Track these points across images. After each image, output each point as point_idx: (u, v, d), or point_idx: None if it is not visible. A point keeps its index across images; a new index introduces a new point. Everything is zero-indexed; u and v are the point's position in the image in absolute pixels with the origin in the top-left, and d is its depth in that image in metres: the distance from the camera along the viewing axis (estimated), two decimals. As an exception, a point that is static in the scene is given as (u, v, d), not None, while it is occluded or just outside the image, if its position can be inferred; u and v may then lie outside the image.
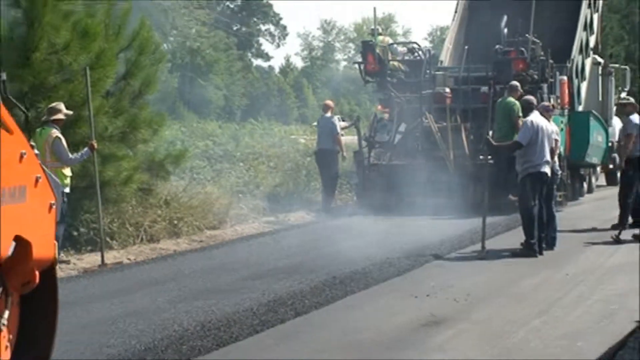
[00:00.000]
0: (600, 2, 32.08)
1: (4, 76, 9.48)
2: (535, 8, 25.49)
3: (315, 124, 26.59)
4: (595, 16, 31.23)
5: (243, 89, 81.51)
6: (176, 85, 47.53)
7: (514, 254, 17.54)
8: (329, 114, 26.24)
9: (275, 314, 12.14)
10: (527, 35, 25.36)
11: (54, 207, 8.15)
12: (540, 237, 17.58)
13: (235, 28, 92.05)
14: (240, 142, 29.78)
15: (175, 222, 18.93)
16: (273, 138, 33.87)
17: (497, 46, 25.29)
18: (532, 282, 15.02)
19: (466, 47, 26.80)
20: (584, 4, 29.35)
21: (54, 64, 16.37)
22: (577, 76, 28.72)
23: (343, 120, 25.99)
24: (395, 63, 26.68)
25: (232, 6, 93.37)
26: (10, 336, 7.94)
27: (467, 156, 23.35)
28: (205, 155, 24.64)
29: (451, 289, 14.17)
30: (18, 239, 7.57)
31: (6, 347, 7.88)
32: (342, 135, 25.73)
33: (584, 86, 29.53)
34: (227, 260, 15.07)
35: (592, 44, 30.94)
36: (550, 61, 26.10)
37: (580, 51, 29.10)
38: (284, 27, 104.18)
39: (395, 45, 28.19)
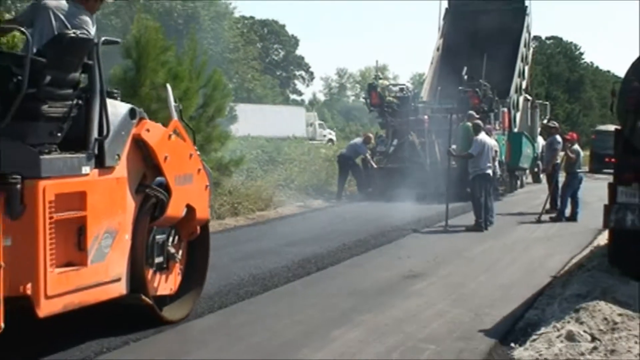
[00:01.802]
0: (529, 57, 32.03)
1: (181, 106, 10.00)
2: (486, 62, 26.14)
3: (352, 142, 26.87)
4: (526, 67, 31.30)
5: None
6: (236, 113, 46.97)
7: (468, 229, 17.58)
8: (358, 140, 26.87)
9: (303, 269, 12.30)
10: (480, 80, 25.82)
11: (208, 187, 9.36)
12: (485, 218, 17.66)
13: (278, 73, 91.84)
14: (281, 151, 29.77)
15: (236, 205, 18.99)
16: (303, 149, 33.75)
17: (460, 87, 25.48)
18: (480, 249, 15.13)
19: (439, 87, 27.26)
20: (519, 59, 29.51)
21: (154, 96, 16.59)
22: (513, 108, 29.02)
23: (367, 143, 26.12)
24: (390, 98, 26.68)
25: (276, 59, 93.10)
26: (181, 266, 9.31)
27: (438, 162, 23.44)
28: (257, 160, 24.61)
29: (424, 252, 14.33)
30: (188, 207, 8.84)
31: (178, 273, 9.16)
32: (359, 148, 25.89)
33: (518, 115, 29.78)
34: (270, 232, 15.22)
35: (524, 86, 31.16)
36: (496, 98, 26.47)
37: (516, 91, 29.35)
38: (312, 73, 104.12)
39: (390, 86, 28.29)
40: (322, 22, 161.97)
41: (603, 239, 13.56)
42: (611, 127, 25.96)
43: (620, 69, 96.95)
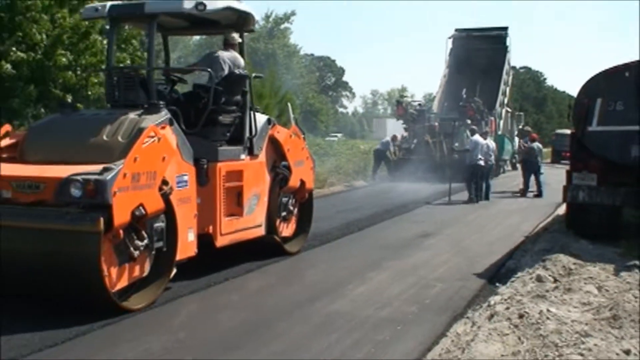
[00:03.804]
0: (509, 81, 31.80)
1: (297, 116, 11.24)
2: (479, 85, 26.65)
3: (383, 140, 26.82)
4: (507, 88, 31.09)
5: (334, 123, 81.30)
6: (294, 124, 47.25)
7: (464, 202, 17.35)
8: (387, 139, 26.57)
9: (348, 229, 12.26)
10: (475, 97, 26.06)
11: (312, 168, 10.14)
12: (476, 194, 17.53)
13: (330, 93, 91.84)
14: (333, 147, 29.68)
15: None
16: (348, 145, 33.75)
17: (460, 103, 25.61)
18: (473, 216, 14.93)
19: (445, 103, 27.52)
20: (502, 82, 29.35)
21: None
22: (498, 117, 28.57)
23: (394, 141, 26.23)
24: (412, 111, 26.81)
25: (329, 83, 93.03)
26: (296, 218, 10.14)
27: (444, 155, 23.28)
28: (316, 153, 24.62)
29: (433, 218, 14.20)
30: (301, 181, 9.61)
31: (294, 222, 10.09)
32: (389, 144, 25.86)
33: (501, 122, 29.41)
34: (326, 204, 15.17)
35: (505, 101, 30.78)
36: (485, 110, 26.38)
37: (500, 105, 29.06)
38: (353, 93, 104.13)
39: (411, 102, 28.81)
40: (360, 56, 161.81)
41: (561, 210, 13.32)
42: (567, 131, 25.69)
43: (573, 89, 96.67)
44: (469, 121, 23.20)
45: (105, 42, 17.90)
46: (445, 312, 6.90)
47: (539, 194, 19.32)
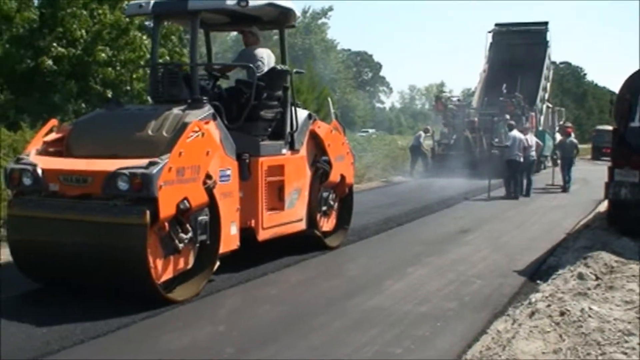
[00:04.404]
0: (550, 76, 31.50)
1: (338, 112, 11.30)
2: (520, 80, 26.27)
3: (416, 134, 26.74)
4: (548, 83, 30.82)
5: (371, 118, 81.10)
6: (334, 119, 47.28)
7: (503, 197, 17.29)
8: (420, 133, 26.43)
9: (386, 224, 12.27)
10: (515, 93, 25.82)
11: (353, 163, 10.47)
12: (515, 189, 17.47)
13: (367, 88, 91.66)
14: (371, 142, 29.67)
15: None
16: (385, 140, 33.70)
17: (500, 98, 25.39)
18: (512, 212, 14.83)
19: (485, 98, 27.28)
20: (542, 77, 29.12)
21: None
22: (539, 113, 28.40)
23: (427, 133, 26.15)
24: (451, 106, 26.93)
25: (366, 78, 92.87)
26: (336, 213, 10.21)
27: (484, 151, 23.12)
28: (354, 148, 24.70)
29: (472, 215, 14.16)
30: (341, 175, 9.74)
31: (334, 217, 10.18)
32: (422, 140, 25.77)
33: (542, 118, 29.18)
34: (364, 199, 15.08)
35: (546, 97, 30.47)
36: (526, 106, 26.23)
37: (540, 100, 28.83)
38: (391, 88, 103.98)
39: (451, 98, 28.86)
40: (398, 51, 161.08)
41: (602, 207, 13.22)
42: (607, 127, 25.69)
43: (614, 85, 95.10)
44: (507, 116, 23.06)
45: (144, 38, 18.17)
46: (485, 309, 6.91)
47: (564, 189, 19.34)
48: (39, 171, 6.79)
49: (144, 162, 6.40)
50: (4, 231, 8.69)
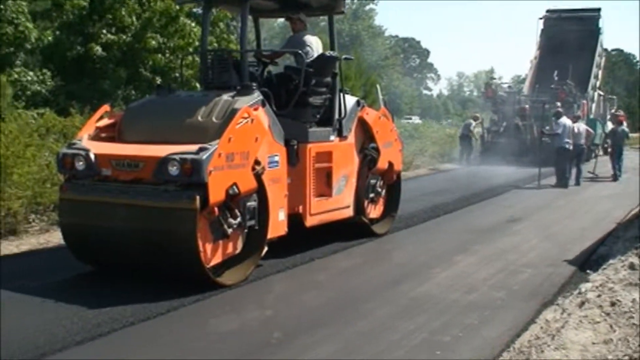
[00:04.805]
0: (602, 63, 30.96)
1: (386, 98, 11.35)
2: (571, 67, 25.73)
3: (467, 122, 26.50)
4: (599, 71, 30.30)
5: (418, 105, 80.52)
6: (383, 105, 47.09)
7: (553, 186, 17.07)
8: (471, 120, 26.30)
9: (433, 212, 12.23)
10: (567, 80, 25.40)
11: (401, 150, 10.19)
12: (565, 178, 17.23)
13: (414, 75, 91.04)
14: (417, 130, 29.51)
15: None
16: (433, 128, 33.46)
17: (552, 85, 25.07)
18: (563, 201, 14.65)
19: (537, 85, 26.86)
20: (594, 65, 28.71)
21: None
22: (590, 101, 27.97)
23: (476, 120, 25.95)
24: (501, 93, 26.70)
25: (413, 65, 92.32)
26: (383, 200, 10.20)
27: (535, 138, 22.84)
28: (402, 135, 24.66)
29: (522, 203, 14.04)
30: (389, 162, 9.76)
31: (382, 204, 10.18)
32: (473, 128, 25.54)
33: (593, 106, 28.75)
34: (411, 186, 15.02)
35: (597, 84, 29.99)
36: (578, 93, 25.97)
37: (592, 88, 28.39)
38: (439, 75, 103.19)
39: (501, 84, 28.65)
40: (446, 37, 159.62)
41: (655, 197, 13.03)
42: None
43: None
44: (558, 104, 22.74)
45: (193, 25, 18.34)
46: (534, 298, 6.84)
47: (614, 178, 19.09)
48: (92, 156, 6.93)
49: (194, 147, 6.49)
50: (57, 215, 8.90)
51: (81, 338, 5.34)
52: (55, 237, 8.94)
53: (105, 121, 7.73)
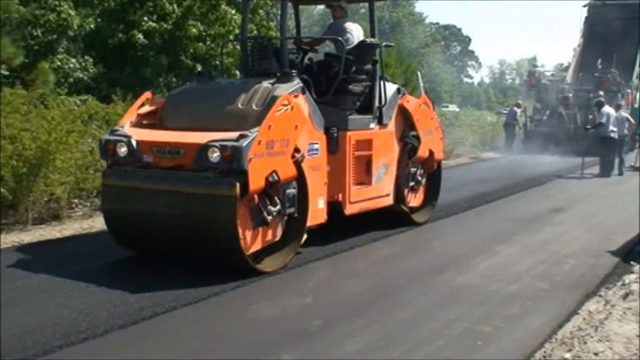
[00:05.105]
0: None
1: (427, 85, 11.29)
2: (616, 55, 25.40)
3: (504, 111, 26.22)
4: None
5: (459, 93, 79.89)
6: (423, 93, 46.69)
7: (596, 176, 16.92)
8: (514, 108, 26.04)
9: (475, 202, 12.16)
10: (611, 69, 25.05)
11: (442, 138, 10.15)
12: (609, 168, 17.08)
13: (455, 63, 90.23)
14: (458, 118, 29.27)
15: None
16: (473, 116, 33.16)
17: (595, 74, 24.82)
18: (606, 191, 14.47)
19: (580, 74, 26.51)
20: (639, 53, 27.93)
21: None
22: (635, 89, 27.37)
23: (519, 108, 25.73)
24: (545, 81, 26.55)
25: (454, 52, 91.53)
26: (423, 189, 10.16)
27: (578, 128, 22.56)
28: (442, 123, 24.52)
29: (564, 193, 13.88)
30: (430, 151, 9.62)
31: (422, 193, 10.15)
32: (519, 116, 25.32)
33: (638, 95, 28.14)
34: (451, 175, 14.83)
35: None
36: (622, 82, 25.62)
37: (637, 77, 27.81)
38: (480, 63, 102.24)
39: (544, 72, 28.37)
40: (488, 25, 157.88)
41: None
42: None
43: None
44: (601, 93, 22.43)
45: (233, 13, 18.38)
46: (577, 289, 6.77)
47: None
48: (134, 143, 7.01)
49: (234, 135, 6.52)
50: (99, 200, 9.03)
51: (124, 322, 5.41)
52: (98, 223, 9.08)
53: (147, 108, 7.81)
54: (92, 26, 16.62)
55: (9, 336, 5.02)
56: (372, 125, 8.85)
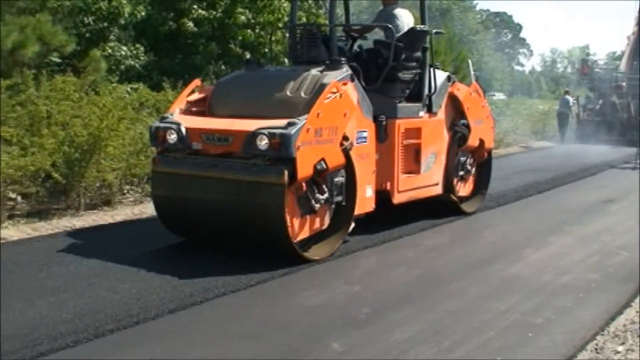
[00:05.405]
0: None
1: (478, 73, 11.62)
2: None
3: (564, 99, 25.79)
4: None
5: (510, 82, 78.82)
6: (474, 81, 45.97)
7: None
8: (567, 96, 25.61)
9: (525, 192, 12.02)
10: None
11: (493, 127, 10.20)
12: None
13: (506, 50, 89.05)
14: (510, 108, 28.80)
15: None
16: (524, 105, 32.62)
17: None
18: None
19: (634, 62, 25.83)
20: None
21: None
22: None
23: (569, 96, 25.35)
24: (598, 70, 25.98)
25: (505, 40, 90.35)
26: (473, 178, 10.06)
27: (631, 117, 22.09)
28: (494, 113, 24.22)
29: (617, 184, 13.60)
30: (480, 140, 9.54)
31: (472, 182, 10.07)
32: (572, 105, 24.88)
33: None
34: (501, 165, 14.63)
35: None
36: None
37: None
38: (531, 51, 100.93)
39: (597, 61, 27.85)
40: (539, 12, 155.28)
41: None
42: None
43: None
44: None
45: (282, 0, 18.39)
46: (630, 281, 6.64)
47: None
48: (183, 130, 7.07)
49: (283, 122, 6.53)
50: (149, 186, 9.15)
51: (175, 306, 5.48)
52: (148, 209, 9.19)
53: (196, 95, 7.87)
54: (142, 14, 16.81)
55: (60, 319, 5.13)
56: (422, 113, 8.77)
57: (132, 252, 7.14)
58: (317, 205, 6.90)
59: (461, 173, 9.65)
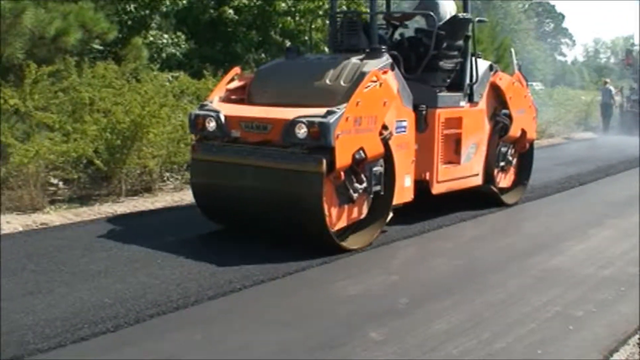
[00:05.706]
0: None
1: (520, 62, 11.47)
2: None
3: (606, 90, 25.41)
4: None
5: (552, 72, 77.67)
6: (517, 70, 45.37)
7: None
8: (608, 86, 25.33)
9: (568, 183, 11.93)
10: None
11: (535, 118, 9.99)
12: None
13: (548, 40, 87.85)
14: (552, 98, 28.39)
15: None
16: (567, 95, 32.12)
17: None
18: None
19: None
20: None
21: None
22: None
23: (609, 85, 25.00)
24: None
25: (547, 30, 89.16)
26: (514, 169, 9.96)
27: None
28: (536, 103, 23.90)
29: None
30: (522, 130, 9.41)
31: (512, 173, 9.92)
32: (615, 95, 24.62)
33: None
34: (543, 156, 14.40)
35: None
36: None
37: None
38: (574, 41, 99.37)
39: None
40: (582, 1, 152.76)
41: None
42: None
43: None
44: None
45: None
46: (672, 276, 6.55)
47: None
48: (222, 118, 7.11)
49: (322, 111, 6.52)
50: (189, 174, 9.22)
51: (214, 293, 5.52)
52: (188, 196, 9.26)
53: (236, 83, 7.90)
54: (184, 2, 16.87)
55: (101, 304, 5.20)
56: (463, 103, 8.69)
57: (172, 238, 7.22)
58: (355, 195, 6.88)
59: (502, 164, 9.53)
